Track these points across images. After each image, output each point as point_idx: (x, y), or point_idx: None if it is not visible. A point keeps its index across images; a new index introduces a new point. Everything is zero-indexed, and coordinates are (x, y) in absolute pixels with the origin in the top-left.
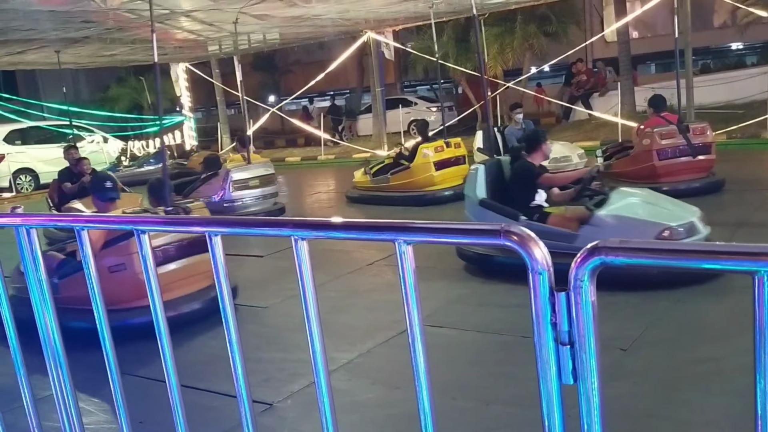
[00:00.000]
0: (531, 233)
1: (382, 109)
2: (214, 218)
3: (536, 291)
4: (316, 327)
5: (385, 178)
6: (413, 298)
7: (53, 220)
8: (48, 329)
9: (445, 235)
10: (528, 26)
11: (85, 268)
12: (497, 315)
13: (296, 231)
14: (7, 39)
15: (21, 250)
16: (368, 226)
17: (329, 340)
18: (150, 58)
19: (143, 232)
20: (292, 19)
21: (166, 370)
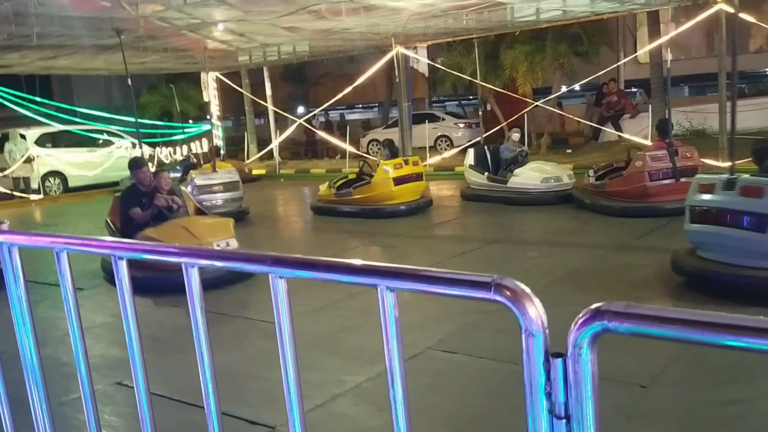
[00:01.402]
0: (526, 288)
1: (408, 124)
2: (192, 249)
3: (529, 355)
4: (292, 369)
5: (348, 192)
6: (395, 348)
7: (35, 240)
8: (27, 348)
9: (432, 283)
10: (559, 45)
11: (63, 290)
12: (513, 342)
13: (274, 268)
14: (40, 44)
15: (4, 266)
16: (350, 268)
17: (338, 361)
18: (181, 67)
19: (121, 259)
20: (321, 32)
21: (136, 379)
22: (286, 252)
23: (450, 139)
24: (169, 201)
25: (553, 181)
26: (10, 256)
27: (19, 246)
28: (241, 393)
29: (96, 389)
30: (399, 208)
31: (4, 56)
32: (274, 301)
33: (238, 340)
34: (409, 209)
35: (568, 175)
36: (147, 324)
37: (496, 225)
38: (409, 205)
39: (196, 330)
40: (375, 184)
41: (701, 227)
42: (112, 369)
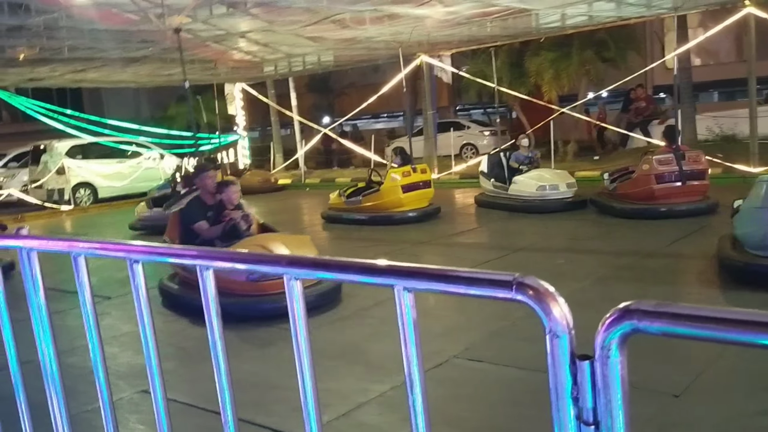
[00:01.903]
0: (549, 287)
1: (433, 132)
2: (207, 251)
3: (554, 358)
4: (308, 374)
5: (357, 200)
6: (414, 353)
7: (53, 244)
8: (46, 355)
9: (450, 283)
10: (585, 51)
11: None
12: (539, 350)
13: (289, 269)
14: (70, 57)
15: (23, 271)
16: (365, 267)
17: (363, 370)
18: (207, 78)
19: (136, 262)
20: (345, 41)
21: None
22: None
23: (475, 147)
24: (245, 219)
25: (549, 189)
26: (30, 261)
27: (38, 251)
28: (266, 402)
29: (122, 397)
30: (408, 215)
31: (36, 69)
32: (289, 303)
33: (263, 348)
34: (417, 216)
35: (567, 184)
36: (173, 333)
37: (506, 232)
38: (417, 213)
39: (211, 335)
40: (384, 191)
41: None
42: (137, 377)
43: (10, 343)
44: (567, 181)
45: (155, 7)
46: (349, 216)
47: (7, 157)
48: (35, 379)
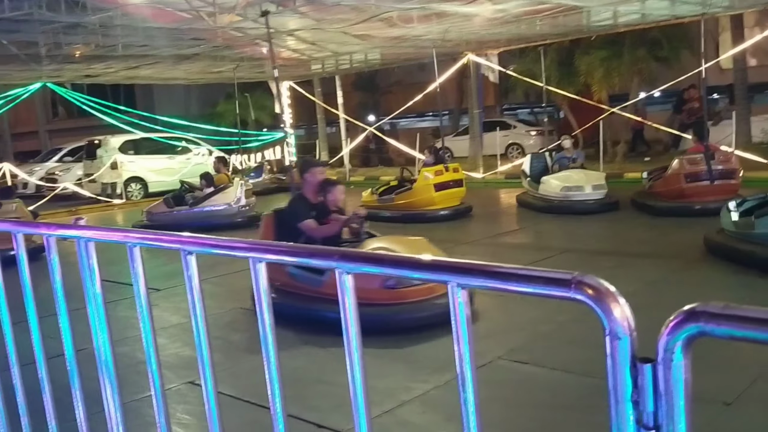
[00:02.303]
0: (610, 287)
1: (479, 131)
2: (258, 243)
3: (615, 360)
4: (358, 370)
5: (390, 198)
6: (466, 351)
7: (110, 235)
8: (101, 344)
9: (506, 280)
10: (637, 50)
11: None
12: (589, 354)
13: (341, 263)
14: (124, 54)
15: (81, 262)
16: (419, 263)
17: (406, 368)
18: (255, 76)
19: (190, 253)
20: (392, 39)
21: (204, 380)
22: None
23: (522, 147)
24: (362, 222)
25: (573, 191)
26: (87, 251)
27: (95, 241)
28: (309, 397)
29: (170, 388)
30: (439, 214)
31: (91, 66)
32: (340, 297)
33: (307, 344)
34: (449, 215)
35: (594, 186)
36: (219, 327)
37: (542, 232)
38: (449, 211)
39: (262, 329)
40: (416, 190)
41: None
42: (185, 369)
43: (66, 331)
44: (594, 183)
45: (207, 6)
46: (381, 213)
47: (63, 152)
48: (87, 368)
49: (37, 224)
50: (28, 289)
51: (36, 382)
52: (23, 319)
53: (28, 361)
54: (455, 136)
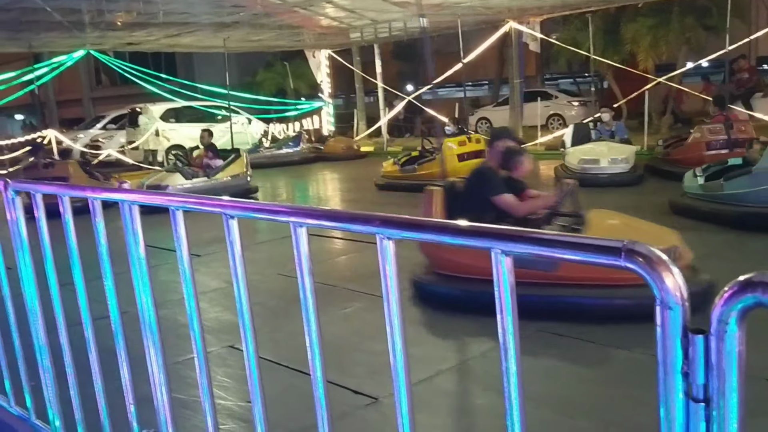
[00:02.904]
0: (662, 255)
1: (519, 102)
2: (300, 208)
3: (665, 331)
4: (399, 338)
5: (413, 168)
6: (509, 319)
7: (153, 198)
8: (145, 308)
9: (552, 247)
10: (685, 18)
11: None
12: (631, 328)
13: (382, 229)
14: (165, 21)
15: (125, 225)
16: (461, 230)
17: (443, 339)
18: (295, 44)
19: (232, 217)
20: (432, 7)
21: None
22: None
23: (563, 118)
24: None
25: (590, 164)
26: (131, 214)
27: (138, 204)
28: (345, 364)
29: (210, 351)
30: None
31: (133, 33)
32: (381, 263)
33: (344, 312)
34: None
35: (611, 159)
36: (258, 292)
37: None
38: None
39: (303, 295)
40: (440, 159)
41: None
42: (225, 333)
43: (111, 293)
44: (613, 157)
45: None
46: (403, 183)
47: (106, 119)
48: (130, 330)
49: (82, 187)
50: (74, 251)
51: (82, 343)
52: (70, 281)
53: (75, 323)
54: (495, 107)
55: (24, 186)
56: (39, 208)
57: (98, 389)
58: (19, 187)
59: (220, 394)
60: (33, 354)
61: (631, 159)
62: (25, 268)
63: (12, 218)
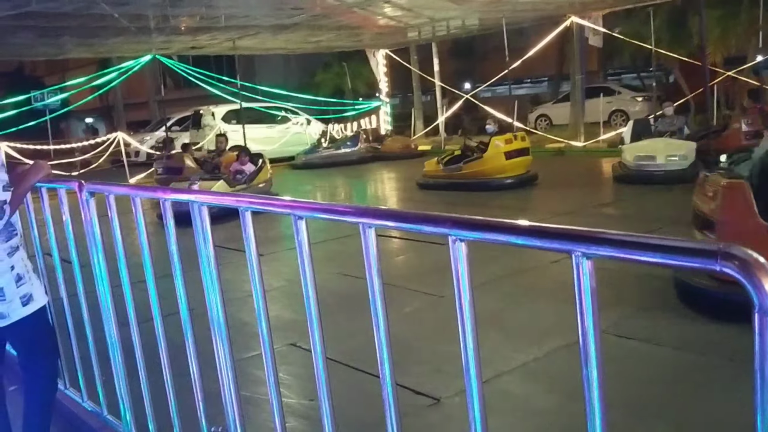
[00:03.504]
0: (761, 259)
1: (581, 98)
2: (367, 209)
3: (764, 339)
4: (471, 338)
5: (458, 167)
6: (590, 324)
7: (222, 199)
8: (214, 306)
9: (640, 251)
10: (755, 9)
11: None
12: (701, 331)
13: (455, 230)
14: (227, 25)
15: (194, 225)
16: (540, 231)
17: (505, 338)
18: (353, 44)
19: (300, 218)
20: (491, 3)
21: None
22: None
23: (626, 114)
24: None
25: (645, 161)
26: (200, 215)
27: (208, 205)
28: (404, 363)
29: None
30: (505, 182)
31: (197, 38)
32: (453, 266)
33: (403, 312)
34: (514, 183)
35: (668, 156)
36: (321, 289)
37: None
38: (514, 179)
39: (372, 296)
40: (487, 158)
41: None
42: (286, 331)
43: (181, 291)
44: (669, 153)
45: None
46: (448, 181)
47: (171, 121)
48: (198, 328)
49: (153, 188)
50: (145, 250)
51: (153, 339)
52: (142, 279)
53: (146, 319)
54: (555, 103)
55: (98, 188)
56: (112, 208)
57: (168, 385)
58: (94, 188)
59: (284, 392)
60: (106, 349)
61: (691, 155)
62: (99, 266)
63: (87, 218)
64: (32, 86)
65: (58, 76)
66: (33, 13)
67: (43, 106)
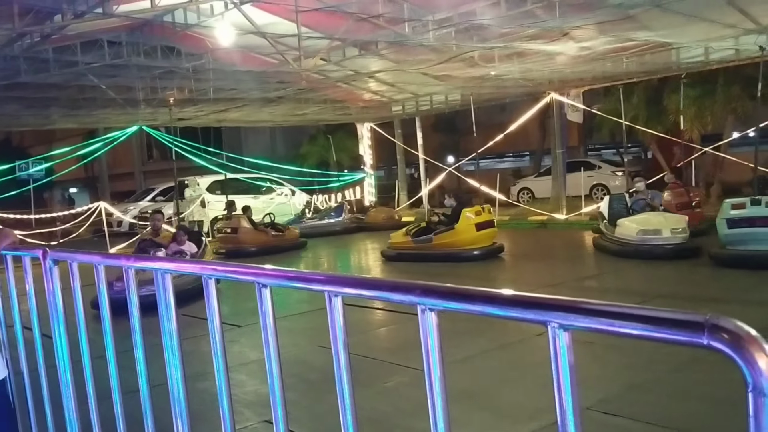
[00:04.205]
0: (753, 332)
1: (562, 172)
2: (335, 277)
3: (759, 423)
4: (442, 418)
5: (428, 239)
6: (569, 401)
7: (186, 267)
8: (174, 379)
9: (620, 322)
10: (731, 88)
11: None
12: (694, 409)
13: (424, 299)
14: (215, 98)
15: (158, 294)
16: (514, 300)
17: (490, 416)
18: (338, 118)
19: (264, 286)
20: (473, 80)
21: None
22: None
23: (607, 188)
24: None
25: (651, 234)
26: (164, 283)
27: (172, 272)
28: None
29: (246, 426)
30: (473, 253)
31: (184, 110)
32: (422, 336)
33: (384, 386)
34: (482, 254)
35: (673, 230)
36: (296, 364)
37: (627, 277)
38: (481, 251)
39: (338, 371)
40: (458, 230)
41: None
42: (263, 407)
43: (141, 366)
44: (673, 227)
45: (292, 50)
46: (417, 253)
47: (155, 191)
48: (164, 403)
49: (117, 256)
50: (107, 321)
51: (113, 417)
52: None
53: (107, 396)
54: (537, 177)
55: (62, 255)
56: (75, 277)
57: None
58: (57, 256)
59: None
60: (65, 428)
61: (686, 229)
62: (60, 339)
63: (49, 288)
64: (18, 156)
65: (45, 146)
66: (22, 84)
67: (27, 175)
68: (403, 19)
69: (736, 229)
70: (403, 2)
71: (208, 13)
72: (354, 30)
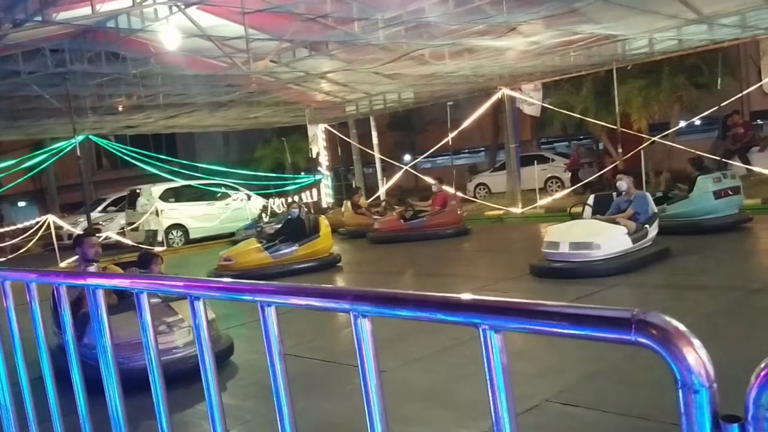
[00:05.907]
0: (680, 326)
1: (516, 166)
2: (267, 286)
3: (690, 419)
4: (379, 421)
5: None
6: (503, 401)
7: (117, 281)
8: (110, 396)
9: (550, 322)
10: (676, 77)
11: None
12: (643, 396)
13: (356, 305)
14: (164, 103)
15: (90, 310)
16: (446, 303)
17: (449, 414)
18: (291, 120)
19: (197, 299)
20: (424, 77)
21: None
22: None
23: (561, 180)
24: None
25: (549, 248)
26: (96, 299)
27: (102, 287)
28: None
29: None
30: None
31: (132, 117)
32: (357, 344)
33: (344, 389)
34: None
35: (573, 243)
36: (255, 371)
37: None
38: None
39: (274, 378)
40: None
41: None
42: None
43: (80, 389)
44: (576, 240)
45: (241, 53)
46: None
47: (106, 202)
48: None
49: (47, 273)
50: (41, 339)
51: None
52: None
53: (47, 419)
54: (492, 172)
55: (15, 275)
56: (7, 296)
57: None
58: (9, 276)
59: None
60: None
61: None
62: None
63: None
64: None
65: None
66: None
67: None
68: (352, 19)
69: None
70: (351, 1)
71: (152, 18)
72: (303, 30)
